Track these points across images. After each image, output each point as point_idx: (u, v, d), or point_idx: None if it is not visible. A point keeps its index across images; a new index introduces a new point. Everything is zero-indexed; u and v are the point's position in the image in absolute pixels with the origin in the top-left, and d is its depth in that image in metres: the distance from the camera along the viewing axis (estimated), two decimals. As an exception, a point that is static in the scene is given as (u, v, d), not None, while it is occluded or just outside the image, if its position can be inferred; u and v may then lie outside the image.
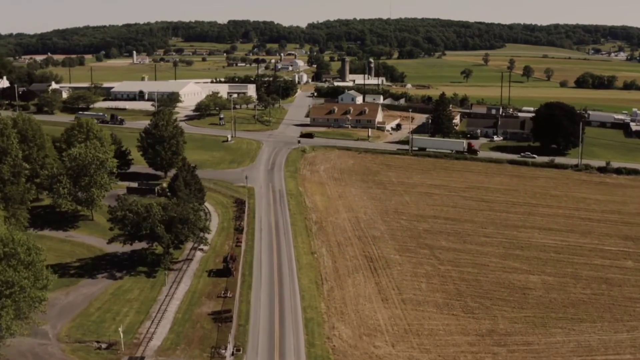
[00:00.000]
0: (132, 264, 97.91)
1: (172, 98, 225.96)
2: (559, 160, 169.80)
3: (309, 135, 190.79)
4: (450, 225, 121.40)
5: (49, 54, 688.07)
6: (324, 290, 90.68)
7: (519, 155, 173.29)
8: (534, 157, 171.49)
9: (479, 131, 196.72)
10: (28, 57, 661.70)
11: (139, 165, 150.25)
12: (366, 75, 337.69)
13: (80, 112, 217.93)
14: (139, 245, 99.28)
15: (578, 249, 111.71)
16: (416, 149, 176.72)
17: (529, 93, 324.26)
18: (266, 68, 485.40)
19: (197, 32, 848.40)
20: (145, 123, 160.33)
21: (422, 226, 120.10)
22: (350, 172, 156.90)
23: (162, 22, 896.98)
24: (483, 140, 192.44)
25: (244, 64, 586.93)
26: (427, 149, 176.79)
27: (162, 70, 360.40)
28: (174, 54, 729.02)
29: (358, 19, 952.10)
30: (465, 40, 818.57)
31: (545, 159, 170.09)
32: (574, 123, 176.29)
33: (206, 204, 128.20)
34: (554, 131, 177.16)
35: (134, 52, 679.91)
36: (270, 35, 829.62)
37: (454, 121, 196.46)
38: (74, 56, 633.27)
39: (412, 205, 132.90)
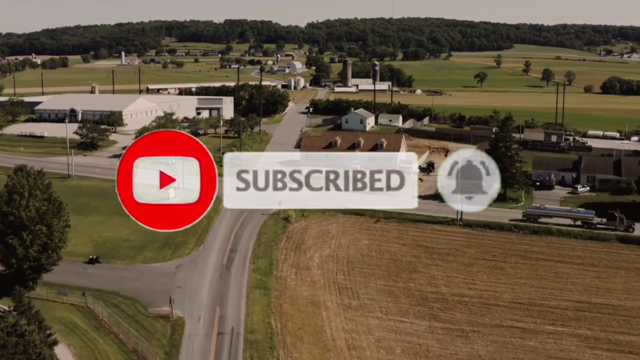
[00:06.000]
0: None
1: (110, 120, 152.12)
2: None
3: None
4: None
5: (33, 54, 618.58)
6: None
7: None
8: None
9: (553, 176, 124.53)
10: (13, 57, 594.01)
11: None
12: (371, 81, 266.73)
13: None
14: None
15: None
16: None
17: (560, 103, 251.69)
18: (261, 70, 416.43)
19: (191, 32, 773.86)
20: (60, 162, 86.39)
21: None
22: (366, 268, 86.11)
23: (155, 22, 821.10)
24: (560, 190, 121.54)
25: (237, 66, 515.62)
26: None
27: (145, 73, 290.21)
28: (166, 54, 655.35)
29: (359, 18, 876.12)
30: (472, 40, 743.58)
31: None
32: None
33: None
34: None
35: (123, 53, 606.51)
36: (267, 35, 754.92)
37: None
38: (57, 57, 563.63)
39: (495, 373, 63.04)
